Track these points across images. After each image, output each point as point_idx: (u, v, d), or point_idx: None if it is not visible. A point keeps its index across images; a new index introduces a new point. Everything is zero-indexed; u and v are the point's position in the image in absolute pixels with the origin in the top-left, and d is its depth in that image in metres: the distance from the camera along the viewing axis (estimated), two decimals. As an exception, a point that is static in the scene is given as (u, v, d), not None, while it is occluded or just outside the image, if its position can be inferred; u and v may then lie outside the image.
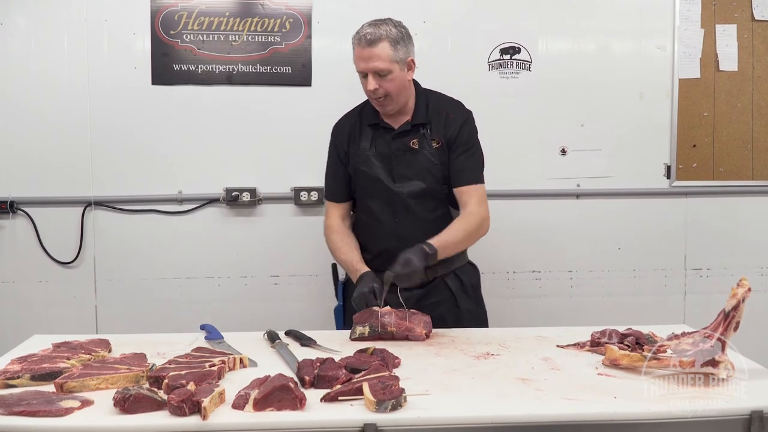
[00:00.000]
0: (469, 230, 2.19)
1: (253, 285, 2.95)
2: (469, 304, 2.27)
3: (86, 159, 2.87)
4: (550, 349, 1.93)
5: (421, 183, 2.23)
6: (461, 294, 2.32)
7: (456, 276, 2.33)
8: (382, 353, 1.79)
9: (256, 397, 1.48)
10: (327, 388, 1.57)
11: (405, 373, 1.70)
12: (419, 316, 2.07)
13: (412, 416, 1.45)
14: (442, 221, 2.26)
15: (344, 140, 2.29)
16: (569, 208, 3.05)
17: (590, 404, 1.51)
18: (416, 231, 2.22)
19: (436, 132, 2.25)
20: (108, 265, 2.93)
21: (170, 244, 2.93)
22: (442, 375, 1.71)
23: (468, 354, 1.89)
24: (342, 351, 1.86)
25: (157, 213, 2.92)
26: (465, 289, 2.34)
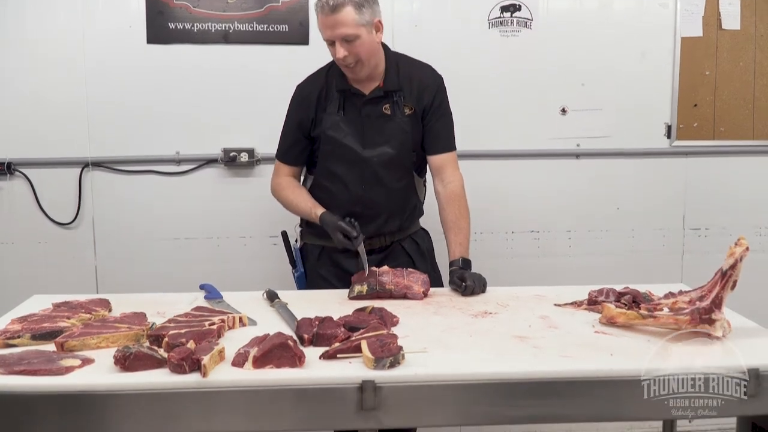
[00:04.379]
0: (467, 210, 2.26)
1: (251, 245, 2.95)
2: (426, 266, 2.30)
3: (83, 119, 2.85)
4: (547, 307, 1.94)
5: (391, 150, 2.23)
6: (419, 257, 2.35)
7: (412, 240, 2.37)
8: (381, 312, 1.80)
9: (256, 355, 1.49)
10: (326, 346, 1.59)
11: (403, 331, 1.72)
12: (417, 275, 2.09)
13: (410, 373, 1.46)
14: (407, 191, 2.31)
15: (311, 105, 2.26)
16: (569, 168, 3.04)
17: (587, 361, 1.52)
18: (382, 198, 2.26)
19: (409, 98, 2.24)
20: (107, 225, 2.92)
21: (169, 205, 2.92)
22: (440, 333, 1.72)
23: (466, 312, 1.90)
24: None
25: (155, 174, 2.90)
26: (422, 252, 2.37)
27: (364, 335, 1.60)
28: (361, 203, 2.25)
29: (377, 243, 2.31)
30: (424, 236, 2.45)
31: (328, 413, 1.44)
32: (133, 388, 1.41)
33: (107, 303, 1.93)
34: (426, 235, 2.46)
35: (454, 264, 2.18)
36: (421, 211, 2.43)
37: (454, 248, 2.21)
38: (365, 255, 2.13)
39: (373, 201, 2.26)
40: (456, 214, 2.25)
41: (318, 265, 2.35)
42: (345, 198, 2.27)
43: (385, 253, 2.33)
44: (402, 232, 2.35)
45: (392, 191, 2.28)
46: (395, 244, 2.34)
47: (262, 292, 2.05)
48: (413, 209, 2.37)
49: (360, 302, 1.97)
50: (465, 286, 2.06)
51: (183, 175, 2.92)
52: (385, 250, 2.33)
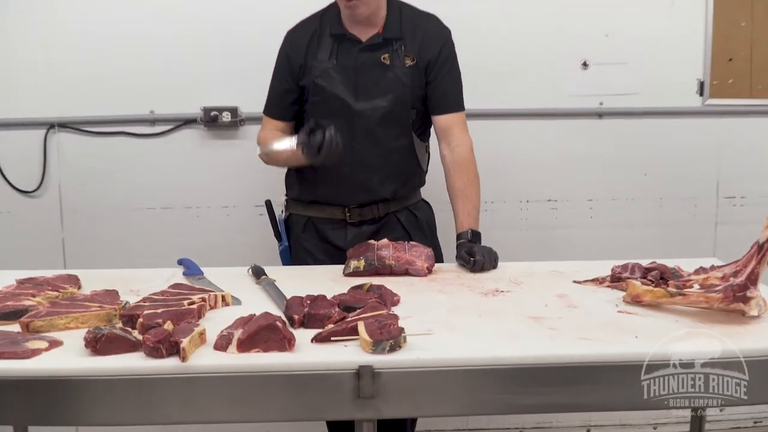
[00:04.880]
0: (476, 176, 2.27)
1: (235, 216, 2.95)
2: (426, 243, 2.29)
3: (47, 75, 2.82)
4: (566, 285, 1.95)
5: (387, 104, 2.23)
6: (416, 232, 2.36)
7: (410, 212, 2.38)
8: (380, 290, 1.80)
9: (240, 338, 1.49)
10: (318, 328, 1.59)
11: (405, 311, 1.72)
12: (420, 249, 2.09)
13: (412, 358, 1.46)
14: (404, 153, 2.31)
15: (301, 50, 2.26)
16: (590, 128, 3.02)
17: (609, 344, 1.52)
18: (375, 159, 2.26)
19: (411, 48, 2.24)
20: (75, 193, 2.91)
21: (143, 170, 2.91)
22: (446, 313, 1.73)
23: (475, 291, 1.91)
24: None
25: (127, 135, 2.89)
26: (420, 226, 2.38)
27: (360, 316, 1.60)
28: (351, 164, 2.25)
29: (368, 213, 2.32)
30: (425, 209, 2.45)
31: (321, 402, 1.44)
32: (105, 373, 1.42)
33: (76, 279, 1.93)
34: (427, 208, 2.47)
35: (462, 237, 2.19)
36: (421, 180, 2.43)
37: (462, 219, 2.21)
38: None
39: (364, 162, 2.26)
40: (464, 181, 2.25)
41: (303, 237, 2.36)
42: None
43: (377, 225, 2.33)
44: (398, 202, 2.35)
45: (387, 151, 2.28)
46: (390, 215, 2.35)
47: (248, 268, 2.05)
48: (411, 175, 2.37)
49: (356, 279, 1.97)
50: (474, 262, 2.07)
51: (158, 137, 2.90)
52: (377, 222, 2.34)
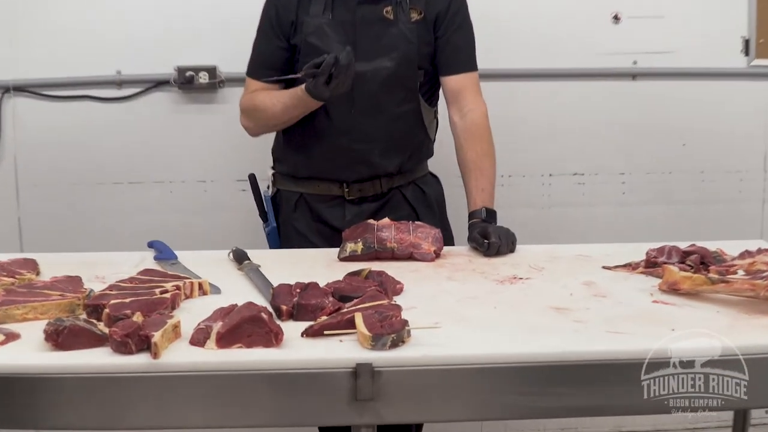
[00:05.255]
0: (492, 147, 2.28)
1: (214, 192, 2.96)
2: (434, 221, 2.31)
3: (2, 33, 2.82)
4: (594, 271, 1.95)
5: (391, 64, 2.24)
6: (424, 209, 2.37)
7: (417, 188, 2.39)
8: (380, 276, 1.80)
9: (220, 331, 1.49)
10: (309, 321, 1.59)
11: (409, 301, 1.72)
12: (427, 230, 2.10)
13: (418, 354, 1.46)
14: (410, 120, 2.31)
15: (291, 4, 2.26)
16: (622, 92, 3.02)
17: (642, 338, 1.52)
18: (377, 127, 2.27)
19: (417, 0, 2.25)
20: (33, 166, 2.91)
21: (109, 139, 2.91)
22: (456, 304, 1.73)
23: (490, 278, 1.91)
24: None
25: (91, 100, 2.88)
26: (428, 203, 2.40)
27: (358, 306, 1.60)
28: (350, 134, 2.26)
29: (370, 189, 2.33)
30: (433, 183, 2.46)
31: (312, 405, 1.44)
32: (67, 371, 1.42)
33: (34, 264, 1.93)
34: (435, 183, 2.47)
35: (475, 215, 2.19)
36: (429, 150, 2.44)
37: (475, 196, 2.22)
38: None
39: (366, 131, 2.26)
40: (477, 151, 2.25)
41: (294, 217, 2.36)
42: (327, 127, 2.26)
43: (380, 202, 2.34)
44: (403, 176, 2.36)
45: (391, 119, 2.28)
46: (394, 191, 2.36)
47: (228, 252, 2.06)
48: (419, 146, 2.37)
49: (353, 264, 1.97)
50: (488, 244, 2.07)
51: (126, 101, 2.90)
52: (380, 199, 2.34)
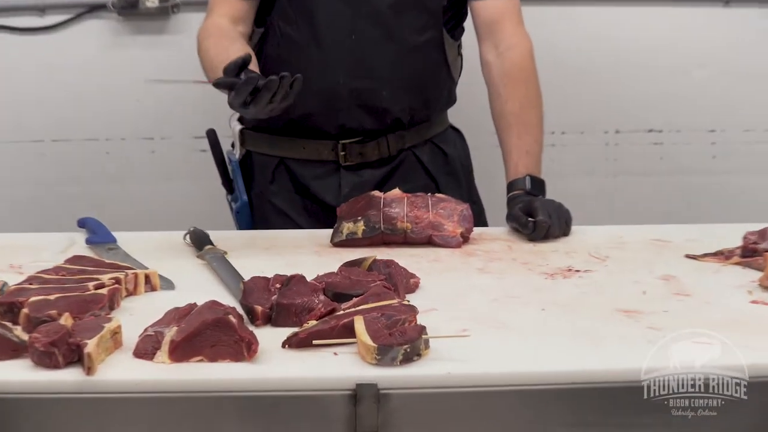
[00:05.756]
0: (538, 94, 2.31)
1: (164, 152, 2.99)
2: (460, 194, 2.32)
3: None
4: (674, 260, 1.96)
5: None
6: (446, 178, 2.40)
7: (436, 148, 2.42)
8: (388, 268, 1.80)
9: (175, 339, 1.49)
10: (293, 326, 1.59)
11: (427, 300, 1.72)
12: (451, 205, 2.10)
13: (438, 372, 1.46)
14: (429, 54, 2.33)
15: None
16: (712, 21, 3.04)
17: (739, 351, 1.50)
18: (384, 61, 2.29)
19: None
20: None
21: (27, 82, 2.93)
22: (491, 305, 1.73)
23: (535, 270, 1.92)
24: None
25: (6, 31, 2.90)
26: (451, 169, 2.43)
27: (359, 308, 1.60)
28: (348, 69, 2.27)
29: (373, 151, 2.34)
30: (457, 142, 2.48)
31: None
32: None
33: None
34: (459, 141, 2.50)
35: (517, 186, 2.21)
36: (452, 96, 2.45)
37: (517, 159, 2.23)
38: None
39: (369, 65, 2.28)
40: (520, 101, 2.28)
41: (271, 189, 2.38)
42: (316, 59, 2.27)
43: (387, 168, 2.37)
44: (418, 132, 2.38)
45: (404, 50, 2.29)
46: (406, 153, 2.38)
47: (184, 233, 2.07)
48: (439, 91, 2.39)
49: (352, 251, 1.98)
50: (534, 224, 2.08)
51: (50, 32, 2.92)
52: (387, 164, 2.36)
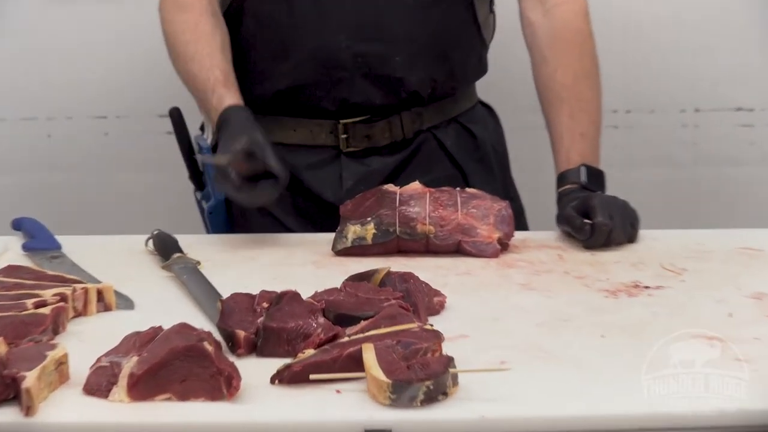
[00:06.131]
0: (595, 63, 2.36)
1: (120, 134, 3.04)
2: (494, 188, 2.34)
3: None
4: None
5: None
6: (475, 167, 2.43)
7: (462, 129, 2.46)
8: (406, 283, 1.81)
9: (135, 373, 1.49)
10: (285, 356, 1.60)
11: (456, 324, 1.73)
12: (486, 203, 2.11)
13: (469, 416, 1.46)
14: (455, 9, 2.37)
15: None
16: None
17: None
18: (398, 23, 2.32)
19: None
20: None
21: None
22: (536, 330, 1.73)
23: (593, 285, 1.93)
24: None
25: None
26: (482, 155, 2.45)
27: (368, 333, 1.60)
28: (352, 29, 2.29)
29: (383, 133, 2.36)
30: (487, 121, 2.51)
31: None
32: None
33: None
34: (491, 120, 2.53)
35: (569, 178, 2.23)
36: (482, 64, 2.49)
37: (570, 144, 2.26)
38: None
39: (380, 25, 2.30)
40: (574, 70, 2.31)
41: None
42: (313, 15, 2.29)
43: (400, 155, 2.40)
44: (439, 109, 2.41)
45: (423, 7, 2.32)
46: (424, 136, 2.41)
47: (146, 238, 2.09)
48: (466, 57, 2.43)
49: (359, 262, 2.00)
50: (592, 227, 2.09)
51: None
52: (401, 150, 2.38)
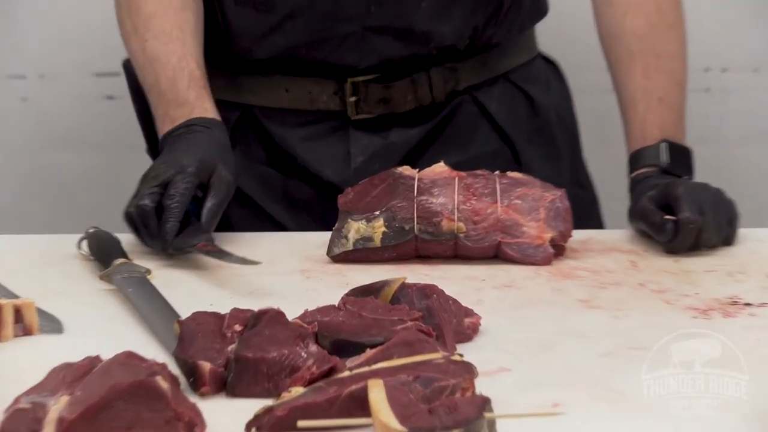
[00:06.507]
0: (681, 14, 2.41)
1: (45, 99, 3.07)
2: (556, 168, 2.37)
3: None
4: None
5: None
6: (530, 140, 2.50)
7: (513, 89, 2.50)
8: (427, 299, 1.77)
9: (66, 417, 1.44)
10: (264, 397, 1.56)
11: (493, 354, 1.70)
12: (535, 191, 2.09)
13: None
14: None
15: None
16: None
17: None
18: None
19: None
20: None
21: None
22: (600, 362, 1.71)
23: (678, 302, 1.92)
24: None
25: None
26: (542, 126, 2.51)
27: (375, 366, 1.56)
28: None
29: (405, 95, 2.39)
30: (551, 81, 2.52)
31: None
32: None
33: None
34: (556, 80, 2.53)
35: (645, 159, 2.24)
36: (538, 4, 2.49)
37: (645, 113, 2.26)
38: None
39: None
40: (648, 13, 2.33)
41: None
42: None
43: (429, 125, 2.41)
44: (482, 63, 2.44)
45: None
46: (461, 98, 2.44)
47: (79, 238, 2.11)
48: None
49: (364, 270, 2.01)
50: (676, 225, 2.06)
51: None
52: (430, 118, 2.41)
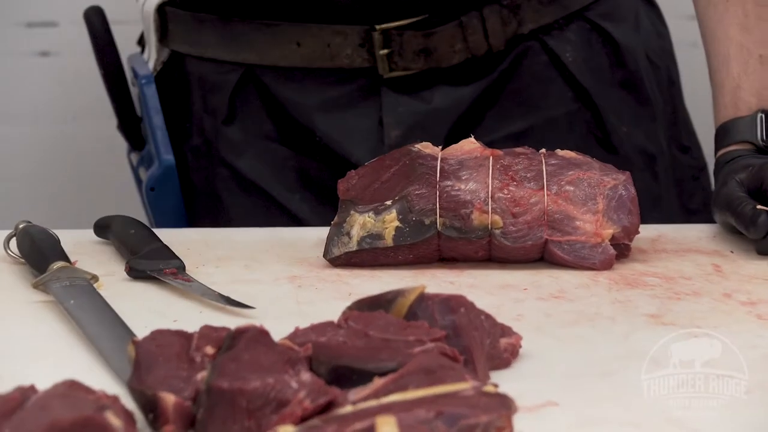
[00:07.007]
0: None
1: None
2: (649, 130, 2.43)
3: None
4: None
5: None
6: (612, 95, 2.48)
7: (592, 31, 2.48)
8: (453, 313, 1.81)
9: (-3, 462, 1.50)
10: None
11: (535, 384, 1.75)
12: (593, 174, 2.13)
13: None
14: None
15: None
16: None
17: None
18: None
19: None
20: None
21: None
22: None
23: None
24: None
25: None
26: (631, 75, 2.50)
27: (387, 399, 1.61)
28: None
29: (452, 46, 2.38)
30: (641, 20, 2.56)
31: None
32: None
33: None
34: (649, 19, 2.59)
35: (735, 133, 2.26)
36: None
37: (739, 76, 2.28)
38: None
39: None
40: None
41: (229, 137, 2.45)
42: None
43: (485, 82, 2.43)
44: (539, 8, 2.41)
45: None
46: (526, 45, 2.45)
47: (6, 236, 2.19)
48: None
49: (371, 276, 2.07)
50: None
51: None
52: (487, 74, 2.41)
